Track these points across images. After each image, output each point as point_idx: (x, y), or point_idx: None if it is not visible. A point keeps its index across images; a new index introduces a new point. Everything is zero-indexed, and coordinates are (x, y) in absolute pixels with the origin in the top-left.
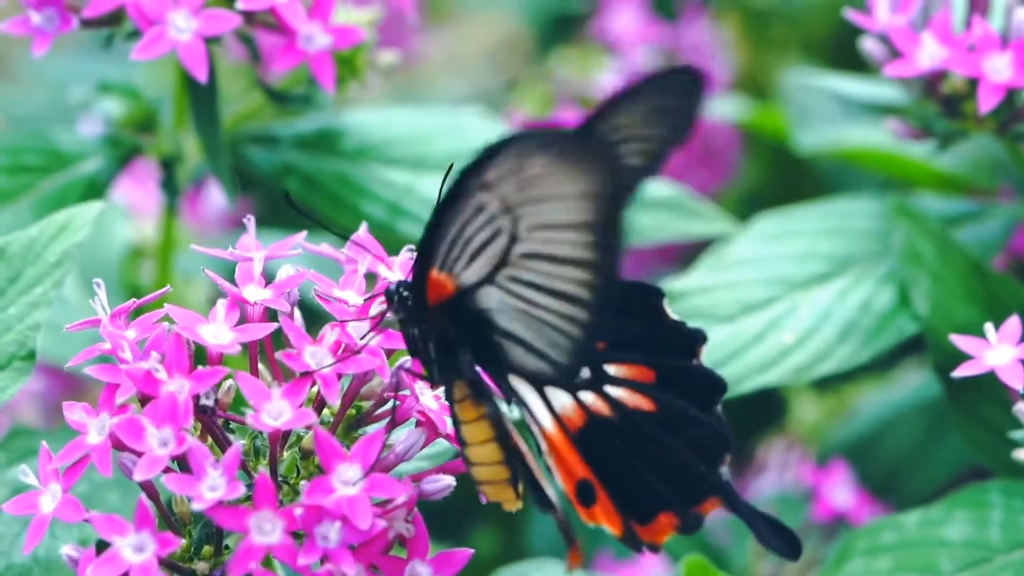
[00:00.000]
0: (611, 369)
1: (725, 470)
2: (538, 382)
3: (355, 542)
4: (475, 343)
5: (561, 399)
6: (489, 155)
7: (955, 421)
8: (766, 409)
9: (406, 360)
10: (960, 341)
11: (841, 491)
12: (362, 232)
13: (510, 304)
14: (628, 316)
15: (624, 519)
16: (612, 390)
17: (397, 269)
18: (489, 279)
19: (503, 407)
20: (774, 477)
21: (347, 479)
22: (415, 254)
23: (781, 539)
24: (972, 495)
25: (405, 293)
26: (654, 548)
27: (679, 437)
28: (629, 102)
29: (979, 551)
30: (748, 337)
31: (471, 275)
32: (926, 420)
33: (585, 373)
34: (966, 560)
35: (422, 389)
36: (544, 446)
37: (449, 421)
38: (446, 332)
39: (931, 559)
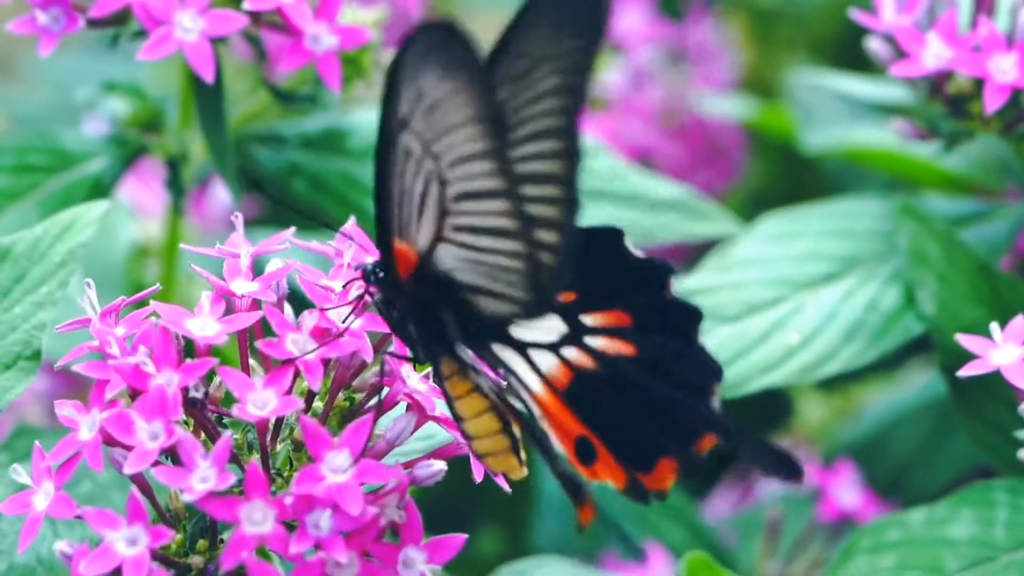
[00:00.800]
0: (587, 319)
1: (716, 401)
2: (523, 344)
3: (347, 529)
4: (450, 312)
5: (546, 360)
6: (391, 83)
7: (961, 421)
8: (772, 409)
9: (391, 347)
10: (966, 341)
11: (847, 491)
12: (350, 224)
13: (463, 256)
14: (593, 262)
15: (626, 471)
16: (592, 340)
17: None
18: (439, 236)
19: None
20: None
21: (336, 466)
22: (376, 231)
23: (781, 464)
24: (977, 494)
25: (380, 272)
26: (661, 496)
27: (666, 376)
28: (527, 23)
29: (984, 550)
30: (753, 337)
31: (424, 237)
32: (932, 420)
33: (563, 328)
34: (971, 559)
35: (408, 372)
36: (536, 411)
37: (439, 402)
38: (423, 306)
39: (936, 557)
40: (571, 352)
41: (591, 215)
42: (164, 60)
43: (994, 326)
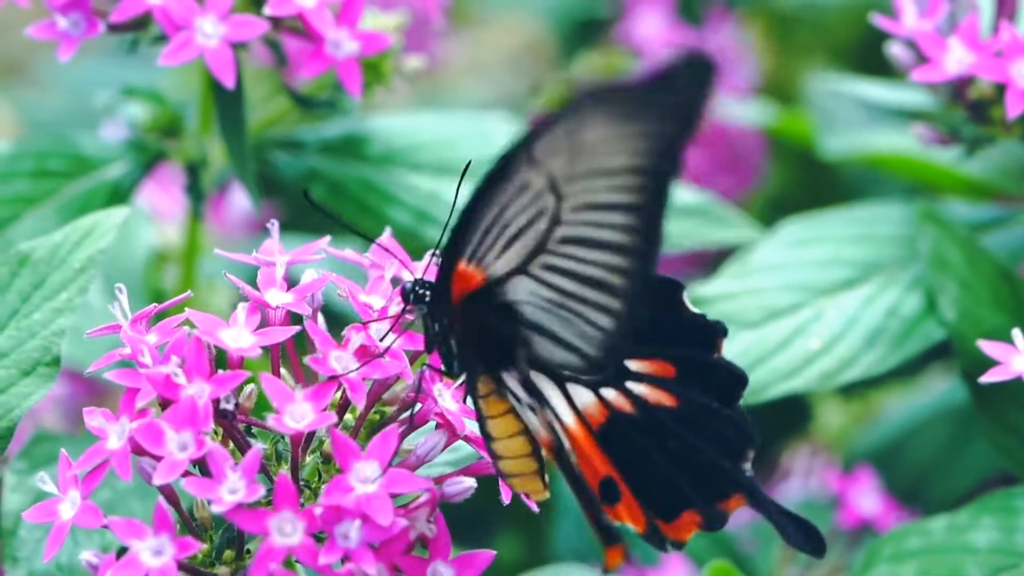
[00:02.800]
0: (632, 365)
1: (748, 466)
2: (563, 376)
3: (376, 541)
4: (497, 337)
5: (583, 396)
6: (543, 125)
7: (982, 427)
8: (791, 415)
9: (424, 368)
10: (988, 347)
11: (867, 497)
12: (386, 237)
13: (541, 295)
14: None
15: (648, 517)
16: (634, 386)
17: (420, 274)
18: (521, 269)
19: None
20: (799, 483)
21: (364, 477)
22: (442, 247)
23: (806, 536)
24: (999, 501)
25: (421, 291)
26: (678, 546)
27: (702, 433)
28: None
29: (1006, 557)
30: (774, 343)
31: (502, 265)
32: (952, 426)
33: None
34: (992, 566)
35: (441, 391)
36: (567, 444)
37: (469, 421)
38: (470, 326)
39: (957, 565)
40: (610, 393)
41: None
42: (183, 65)
43: (1016, 332)
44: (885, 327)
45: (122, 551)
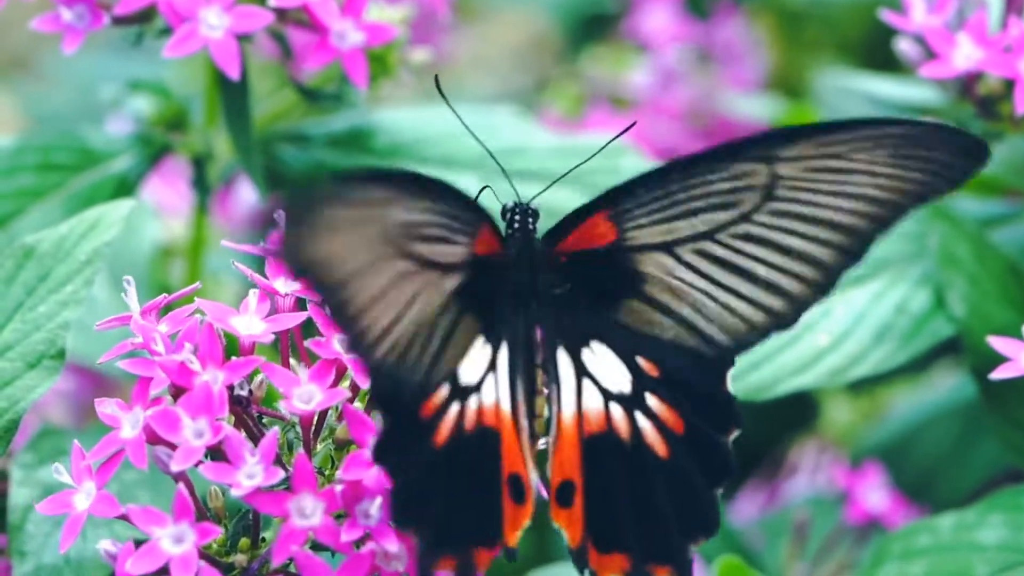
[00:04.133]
0: (651, 399)
1: (692, 550)
2: (584, 370)
3: None
4: (579, 296)
5: (593, 398)
6: (806, 130)
7: (991, 424)
8: (798, 411)
9: None
10: (997, 343)
11: (875, 494)
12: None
13: (680, 276)
14: (693, 365)
15: (585, 536)
16: (641, 419)
17: None
18: (667, 246)
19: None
20: (806, 479)
21: None
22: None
23: None
24: (1007, 498)
25: (516, 216)
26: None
27: (672, 497)
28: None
29: (1014, 555)
30: (782, 339)
31: (647, 235)
32: (960, 422)
33: (626, 389)
34: (1001, 564)
35: None
36: (554, 430)
37: None
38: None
39: (966, 563)
40: (618, 411)
41: None
42: (188, 58)
43: None
44: (894, 323)
45: (139, 542)
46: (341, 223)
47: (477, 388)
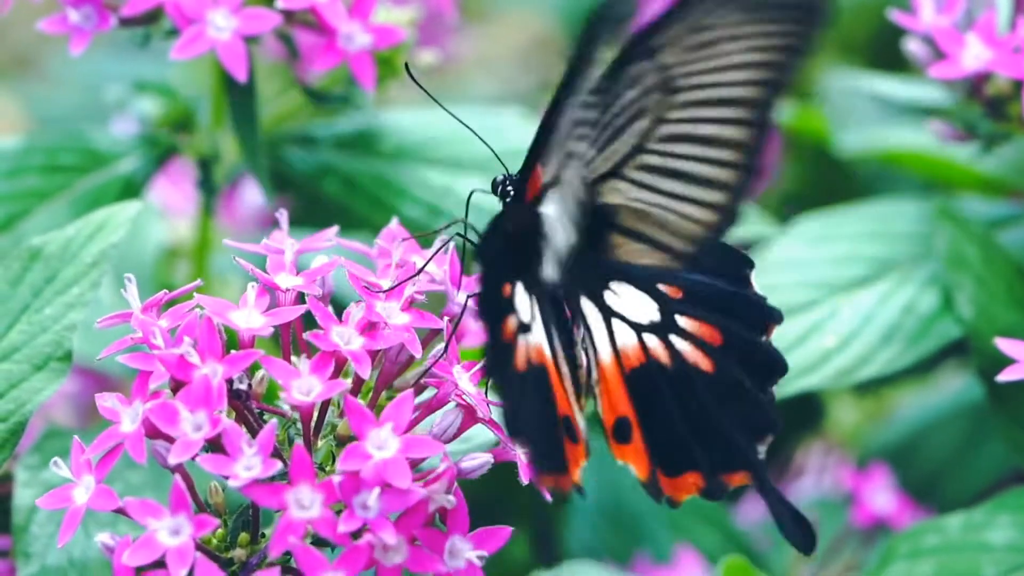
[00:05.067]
0: (681, 320)
1: (762, 449)
2: (610, 311)
3: (395, 511)
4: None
5: (625, 336)
6: (667, 15)
7: (998, 425)
8: (804, 412)
9: (440, 348)
10: (1005, 345)
11: (881, 495)
12: (393, 225)
13: (636, 196)
14: (713, 275)
15: (652, 466)
16: (677, 341)
17: (434, 264)
18: (616, 171)
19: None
20: (813, 481)
21: (381, 441)
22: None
23: (801, 532)
24: (1015, 499)
25: (508, 187)
26: (673, 503)
27: (727, 405)
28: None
29: (1022, 555)
30: (790, 340)
31: (597, 166)
32: (967, 424)
33: (655, 317)
34: (1009, 564)
35: (460, 373)
36: (595, 374)
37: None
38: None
39: (974, 563)
40: (652, 340)
41: None
42: (194, 60)
43: None
44: (901, 324)
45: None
46: None
47: (530, 328)
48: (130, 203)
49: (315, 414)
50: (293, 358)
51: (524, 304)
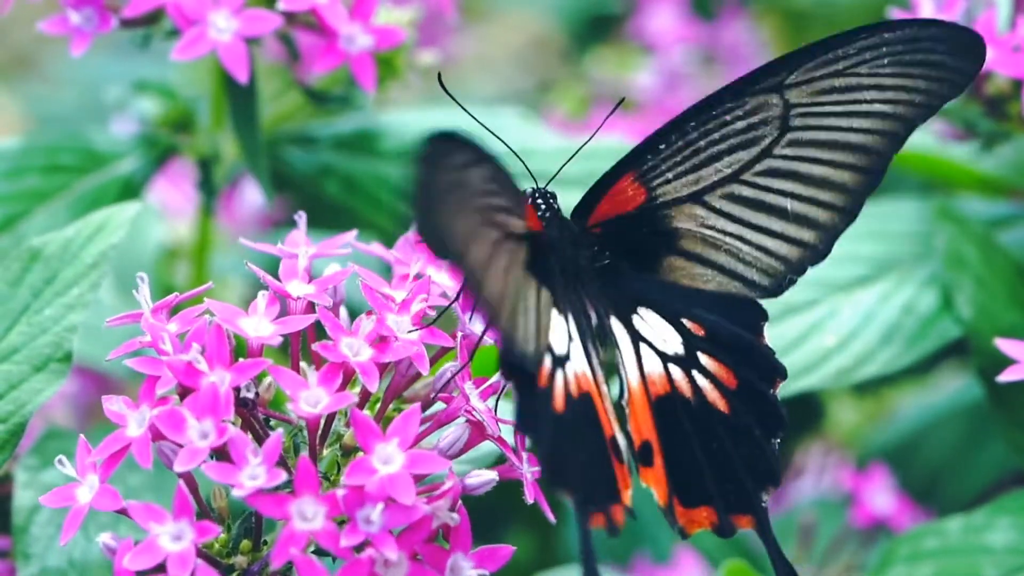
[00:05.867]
0: (703, 358)
1: (767, 498)
2: (639, 336)
3: (398, 526)
4: (620, 264)
5: (653, 362)
6: (808, 51)
7: (998, 426)
8: (804, 412)
9: (452, 364)
10: (1005, 345)
11: (881, 496)
12: (411, 234)
13: (712, 223)
14: (732, 320)
15: (671, 493)
16: (698, 377)
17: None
18: (697, 196)
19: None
20: (812, 481)
21: (387, 456)
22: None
23: None
24: (1015, 501)
25: (542, 201)
26: (684, 534)
27: (739, 448)
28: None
29: (1023, 557)
30: (790, 339)
31: (674, 190)
32: (966, 424)
33: (680, 350)
34: (1009, 566)
35: (471, 389)
36: (626, 395)
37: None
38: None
39: (974, 566)
40: (677, 372)
41: None
42: (194, 61)
43: None
44: (901, 324)
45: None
46: (445, 189)
47: (568, 357)
48: (130, 204)
49: (321, 423)
50: (303, 364)
51: (558, 330)
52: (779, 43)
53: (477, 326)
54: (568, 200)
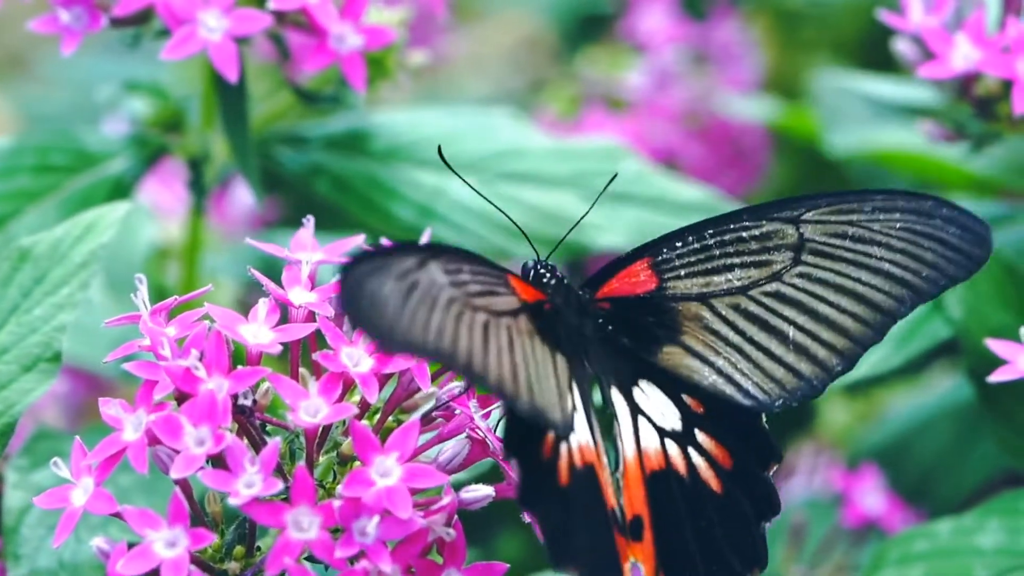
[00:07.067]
0: (700, 436)
1: None
2: (638, 409)
3: (394, 539)
4: (619, 341)
5: (649, 436)
6: (837, 196)
7: (989, 426)
8: (795, 413)
9: (458, 385)
10: (995, 345)
11: (872, 496)
12: (425, 239)
13: (716, 328)
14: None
15: (657, 570)
16: (694, 455)
17: None
18: (703, 297)
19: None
20: (803, 481)
21: (385, 469)
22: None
23: None
24: (1005, 503)
25: (543, 272)
26: None
27: (728, 529)
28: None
29: (1013, 559)
30: None
31: (684, 285)
32: (957, 425)
33: (678, 426)
34: (1000, 568)
35: (475, 408)
36: (621, 467)
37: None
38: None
39: (964, 568)
40: (673, 448)
41: (616, 218)
42: (185, 60)
43: (1023, 330)
44: None
45: (133, 546)
46: (397, 296)
47: (572, 427)
48: (120, 204)
49: (319, 432)
50: (303, 372)
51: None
52: (770, 43)
53: None
54: (561, 200)
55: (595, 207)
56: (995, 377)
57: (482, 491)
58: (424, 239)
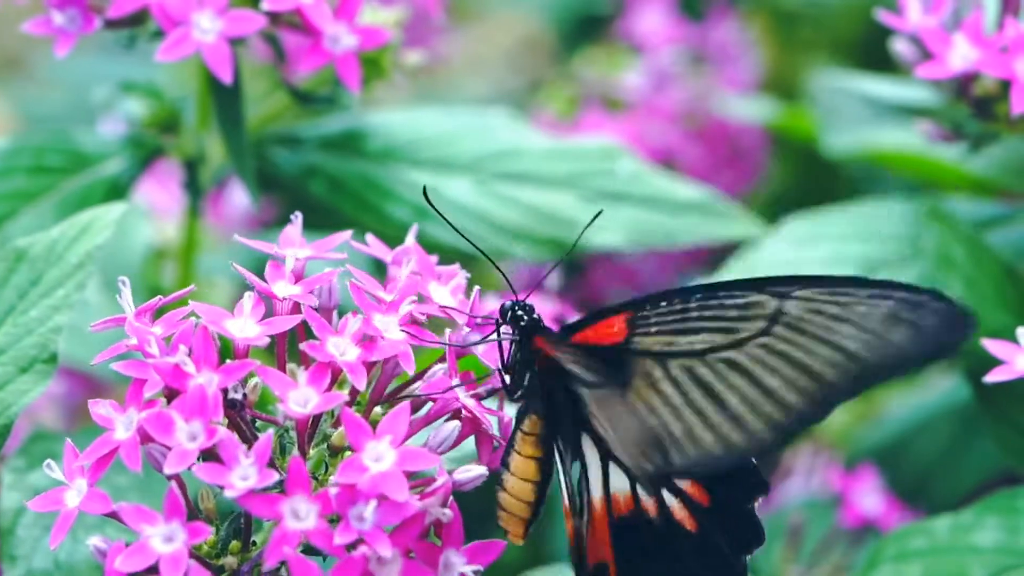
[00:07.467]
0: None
1: None
2: (610, 454)
3: (391, 523)
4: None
5: (619, 481)
6: (827, 281)
7: (986, 426)
8: None
9: (442, 366)
10: (992, 346)
11: (869, 496)
12: (410, 240)
13: (662, 389)
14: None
15: None
16: (667, 496)
17: (447, 287)
18: (660, 355)
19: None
20: (801, 482)
21: (378, 454)
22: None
23: None
24: (1003, 501)
25: (521, 313)
26: None
27: (702, 566)
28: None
29: (1010, 557)
30: None
31: (650, 342)
32: (955, 425)
33: (650, 467)
34: (997, 566)
35: (460, 388)
36: (586, 513)
37: (493, 423)
38: (558, 372)
39: (962, 565)
40: (643, 492)
41: (613, 217)
42: (181, 61)
43: (1020, 331)
44: None
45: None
46: None
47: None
48: (116, 204)
49: (310, 424)
50: (290, 365)
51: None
52: (768, 43)
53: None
54: (559, 200)
55: (593, 207)
56: (992, 377)
57: (475, 471)
58: (410, 238)
